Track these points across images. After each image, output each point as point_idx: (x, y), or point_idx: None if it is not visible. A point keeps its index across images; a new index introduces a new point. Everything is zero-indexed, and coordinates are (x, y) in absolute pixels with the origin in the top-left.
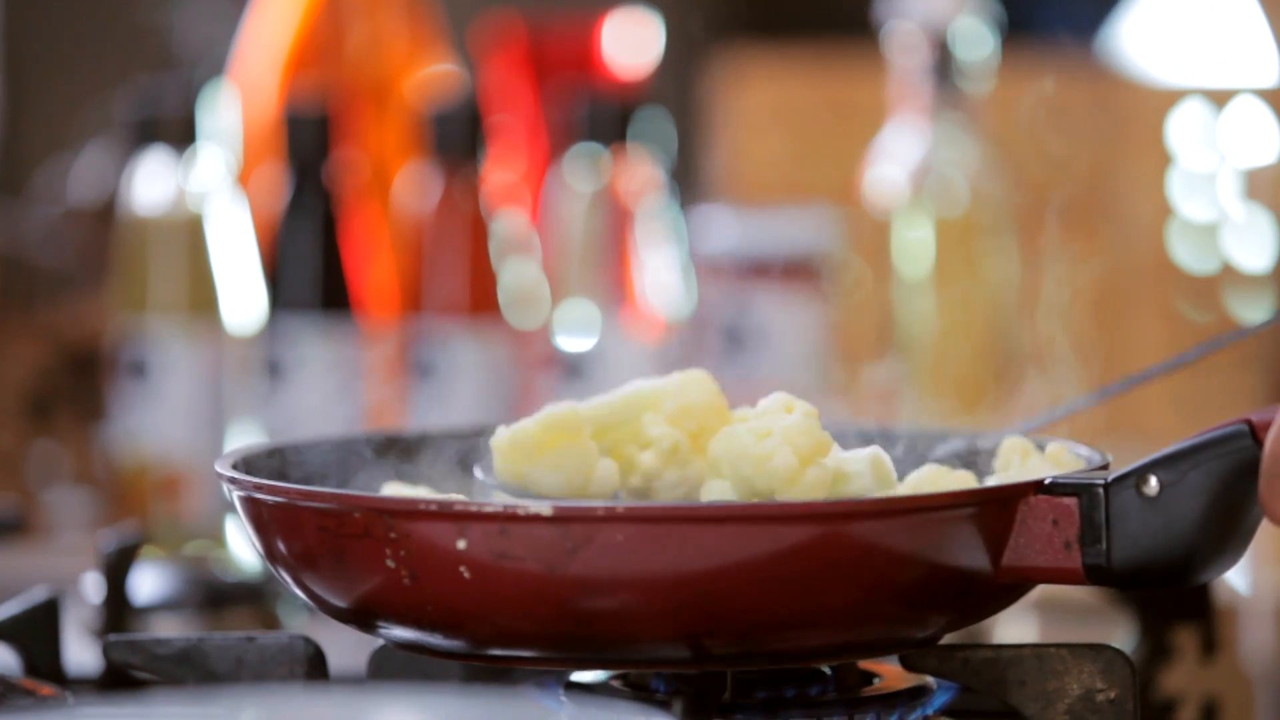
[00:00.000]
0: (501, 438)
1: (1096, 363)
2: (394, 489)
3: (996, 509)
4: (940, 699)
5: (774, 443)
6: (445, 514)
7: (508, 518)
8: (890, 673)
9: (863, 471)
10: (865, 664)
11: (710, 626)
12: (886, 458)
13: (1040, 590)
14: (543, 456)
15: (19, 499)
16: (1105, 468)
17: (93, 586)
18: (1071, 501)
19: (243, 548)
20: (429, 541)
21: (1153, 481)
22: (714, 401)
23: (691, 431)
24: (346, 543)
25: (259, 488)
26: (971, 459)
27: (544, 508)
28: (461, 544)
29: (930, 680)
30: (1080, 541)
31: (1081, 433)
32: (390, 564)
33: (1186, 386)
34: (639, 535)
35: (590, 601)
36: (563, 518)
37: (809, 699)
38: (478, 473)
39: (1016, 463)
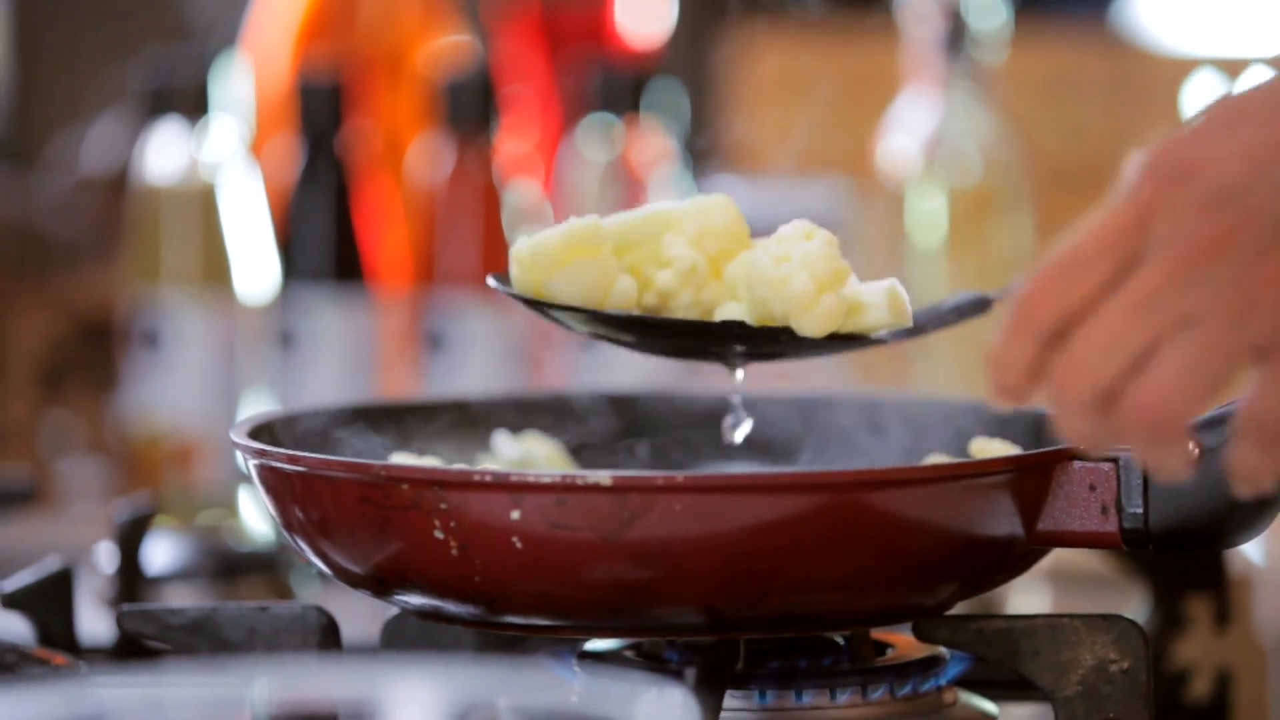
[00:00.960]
0: (522, 248)
1: None
2: (402, 458)
3: (1033, 475)
4: (953, 670)
5: (792, 267)
6: (501, 485)
7: (565, 488)
8: (903, 643)
9: (879, 304)
10: (878, 634)
11: (758, 592)
12: (903, 291)
13: (1053, 560)
14: (562, 269)
15: (32, 469)
16: None
17: (106, 556)
18: (1109, 466)
19: (255, 518)
20: (482, 513)
21: (1189, 445)
22: (735, 226)
23: (711, 255)
24: (392, 514)
25: (293, 459)
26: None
27: (603, 478)
28: (515, 515)
29: (943, 651)
30: (1117, 506)
31: None
32: (439, 535)
33: None
34: (698, 504)
35: (644, 570)
36: (622, 488)
37: (822, 669)
38: (491, 281)
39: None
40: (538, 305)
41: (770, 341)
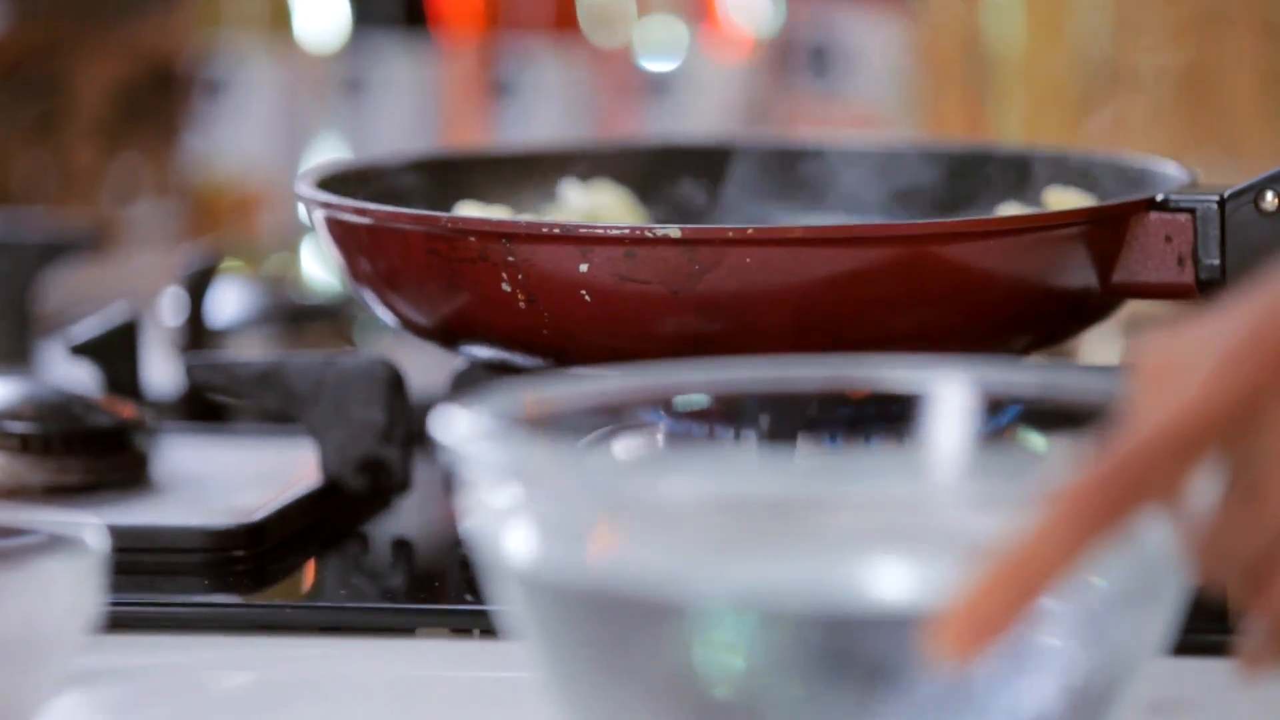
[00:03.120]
0: None
1: (1188, 78)
2: (470, 209)
3: (1109, 227)
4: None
5: None
6: (568, 237)
7: (634, 240)
8: None
9: None
10: None
11: (829, 345)
12: None
13: (1128, 312)
14: None
15: (97, 216)
16: (1194, 184)
17: (172, 305)
18: (1186, 218)
19: (318, 268)
20: (550, 265)
21: (1269, 196)
22: None
23: None
24: (459, 266)
25: (360, 211)
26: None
27: (672, 230)
28: (584, 267)
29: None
30: (1194, 257)
31: (1166, 147)
32: (506, 288)
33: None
34: (768, 257)
35: (713, 324)
36: (691, 240)
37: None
38: None
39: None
40: None
41: None
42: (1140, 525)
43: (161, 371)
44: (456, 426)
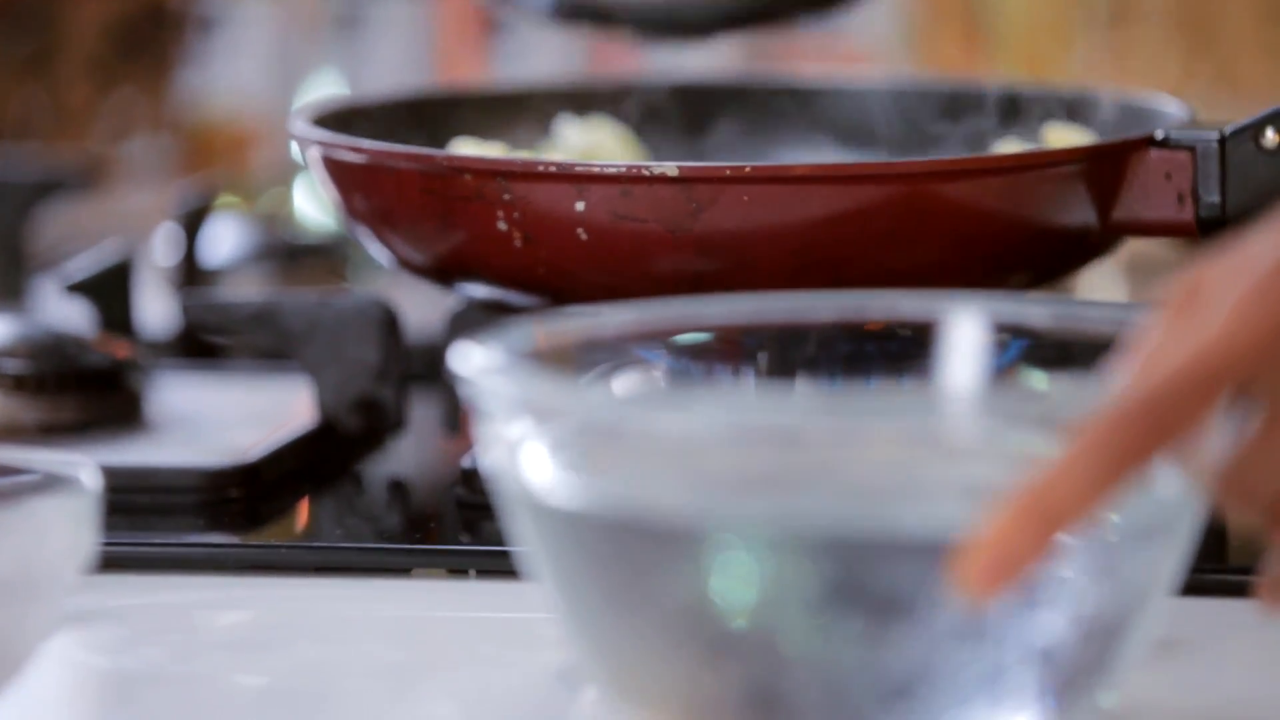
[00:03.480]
0: None
1: (1186, 12)
2: (465, 146)
3: (1108, 164)
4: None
5: None
6: (565, 175)
7: (630, 179)
8: None
9: None
10: None
11: (827, 283)
12: None
13: (1129, 251)
14: None
15: (91, 153)
16: (1194, 121)
17: (167, 242)
18: (1186, 155)
19: (313, 206)
20: (546, 204)
21: (1270, 134)
22: None
23: None
24: (455, 205)
25: (354, 149)
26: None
27: (669, 168)
28: (580, 206)
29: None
30: (1194, 195)
31: (1164, 81)
32: (502, 226)
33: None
34: (766, 195)
35: (710, 263)
36: (688, 178)
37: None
38: None
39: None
40: None
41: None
42: (1164, 461)
43: (156, 310)
44: (473, 359)
